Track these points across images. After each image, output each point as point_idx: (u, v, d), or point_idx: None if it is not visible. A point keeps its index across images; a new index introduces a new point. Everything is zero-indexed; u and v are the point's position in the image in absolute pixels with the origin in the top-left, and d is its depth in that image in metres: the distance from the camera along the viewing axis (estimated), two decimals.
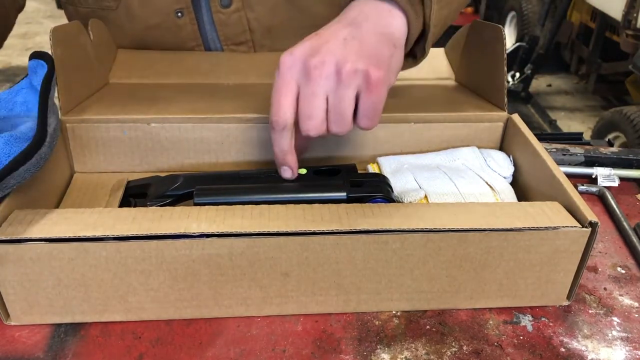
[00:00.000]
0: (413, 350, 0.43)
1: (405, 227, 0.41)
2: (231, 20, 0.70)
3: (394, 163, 0.56)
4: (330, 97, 0.44)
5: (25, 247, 0.39)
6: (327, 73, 0.43)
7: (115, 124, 0.55)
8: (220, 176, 0.52)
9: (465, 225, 0.42)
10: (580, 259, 0.44)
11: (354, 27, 0.45)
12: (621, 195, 0.63)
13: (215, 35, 0.72)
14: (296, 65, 0.44)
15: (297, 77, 0.44)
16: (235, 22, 0.70)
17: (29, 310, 0.43)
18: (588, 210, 0.43)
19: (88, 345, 0.42)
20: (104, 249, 0.40)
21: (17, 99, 0.51)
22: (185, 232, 0.40)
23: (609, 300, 0.48)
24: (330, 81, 0.43)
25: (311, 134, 0.45)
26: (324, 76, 0.43)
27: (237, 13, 0.70)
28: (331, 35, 0.45)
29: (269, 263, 0.42)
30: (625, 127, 1.83)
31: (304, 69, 0.43)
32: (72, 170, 0.57)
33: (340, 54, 0.43)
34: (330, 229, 0.41)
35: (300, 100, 0.44)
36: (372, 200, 0.48)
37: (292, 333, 0.44)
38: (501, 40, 0.56)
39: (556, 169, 0.48)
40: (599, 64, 2.65)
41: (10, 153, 0.42)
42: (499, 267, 0.44)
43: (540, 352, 0.43)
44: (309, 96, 0.44)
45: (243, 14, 0.70)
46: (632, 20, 2.20)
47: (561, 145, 0.69)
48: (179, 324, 0.44)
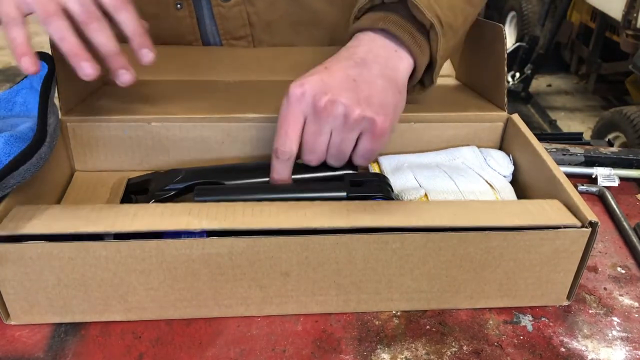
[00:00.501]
0: (413, 350, 0.43)
1: (405, 225, 0.41)
2: (231, 14, 0.70)
3: (394, 162, 0.56)
4: (334, 135, 0.46)
5: (26, 247, 0.39)
6: (335, 114, 0.45)
7: (116, 123, 0.55)
8: (220, 170, 0.52)
9: (465, 224, 0.42)
10: (580, 259, 0.44)
11: (364, 67, 0.47)
12: (621, 195, 0.63)
13: (214, 29, 0.72)
14: (306, 100, 0.45)
15: (305, 110, 0.46)
16: (235, 16, 0.70)
17: (29, 310, 0.43)
18: (588, 210, 0.43)
19: (88, 345, 0.42)
20: (104, 249, 0.40)
21: (17, 99, 0.51)
22: (187, 228, 0.40)
23: (609, 300, 0.48)
24: (337, 121, 0.45)
25: (311, 164, 0.48)
26: (331, 116, 0.45)
27: (238, 7, 0.70)
28: (341, 73, 0.46)
29: (269, 263, 0.42)
30: (625, 127, 1.83)
31: (313, 106, 0.45)
32: (72, 168, 0.57)
33: (350, 97, 0.45)
34: (330, 226, 0.41)
35: (306, 133, 0.46)
36: (372, 199, 0.48)
37: (292, 333, 0.44)
38: (502, 39, 0.56)
39: (556, 168, 0.48)
40: (599, 64, 2.65)
41: (10, 153, 0.42)
42: (499, 267, 0.44)
43: (540, 352, 0.43)
44: (315, 132, 0.46)
45: (243, 7, 0.70)
46: (632, 20, 2.20)
47: (561, 145, 0.69)
48: (179, 324, 0.44)
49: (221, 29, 0.71)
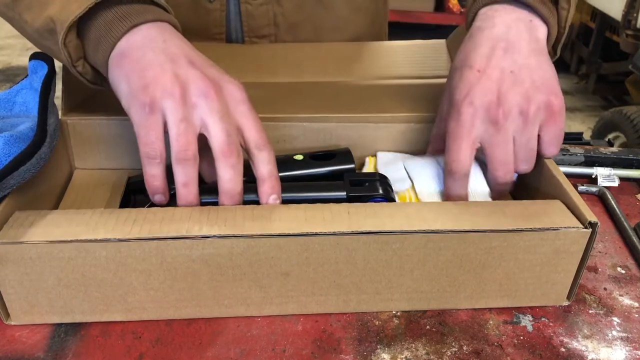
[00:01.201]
0: (413, 350, 0.43)
1: (406, 228, 0.41)
2: (258, 12, 0.70)
3: (390, 156, 0.56)
4: (518, 138, 0.45)
5: (26, 247, 0.39)
6: (512, 118, 0.44)
7: (117, 121, 0.55)
8: None
9: (466, 226, 0.42)
10: (581, 259, 0.44)
11: (513, 52, 0.46)
12: (621, 195, 0.63)
13: (239, 25, 0.72)
14: (479, 115, 0.45)
15: (479, 125, 0.45)
16: (261, 15, 0.71)
17: (29, 310, 0.43)
18: (588, 211, 0.43)
19: (88, 345, 0.42)
20: (104, 249, 0.40)
21: (17, 99, 0.51)
22: (187, 234, 0.40)
23: (609, 300, 0.48)
24: (516, 123, 0.45)
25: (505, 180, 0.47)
26: (509, 121, 0.44)
27: (265, 6, 0.70)
28: (497, 72, 0.45)
29: (269, 263, 0.42)
30: (625, 127, 1.83)
31: (488, 119, 0.45)
32: (72, 167, 0.57)
33: (518, 94, 0.44)
34: (332, 231, 0.41)
35: (491, 149, 0.46)
36: (372, 199, 0.48)
37: (292, 333, 0.44)
38: None
39: (556, 169, 0.48)
40: (599, 64, 2.65)
41: (10, 153, 0.42)
42: (499, 268, 0.44)
43: (540, 352, 0.43)
44: (501, 144, 0.45)
45: (270, 7, 0.70)
46: (632, 20, 2.20)
47: (561, 145, 0.69)
48: (179, 324, 0.44)
49: (245, 26, 0.71)
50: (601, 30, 2.58)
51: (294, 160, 0.51)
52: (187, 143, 0.41)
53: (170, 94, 0.41)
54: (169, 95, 0.41)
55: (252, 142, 0.44)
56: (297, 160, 0.52)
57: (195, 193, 0.43)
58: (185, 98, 0.41)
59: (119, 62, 0.43)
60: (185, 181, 0.42)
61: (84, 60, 0.45)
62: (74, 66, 0.45)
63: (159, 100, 0.41)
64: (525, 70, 0.45)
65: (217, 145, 0.42)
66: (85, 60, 0.46)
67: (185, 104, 0.41)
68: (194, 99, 0.41)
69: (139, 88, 0.41)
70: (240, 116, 0.43)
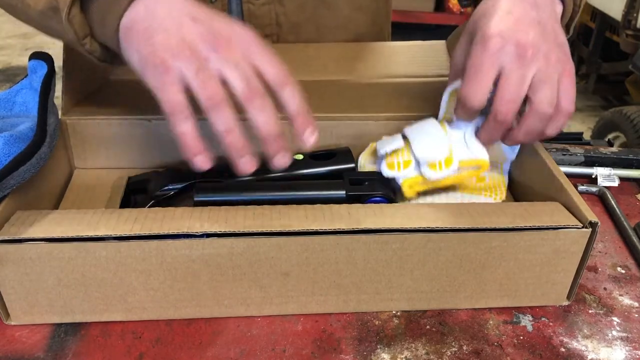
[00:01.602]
0: (413, 350, 0.43)
1: (406, 227, 0.41)
2: (260, 12, 0.70)
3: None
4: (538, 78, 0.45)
5: (26, 247, 0.39)
6: (537, 58, 0.44)
7: (116, 121, 0.55)
8: (220, 168, 0.52)
9: (466, 226, 0.42)
10: (580, 259, 0.44)
11: (539, 9, 0.46)
12: (621, 195, 0.63)
13: None
14: (508, 47, 0.44)
15: (505, 60, 0.44)
16: (263, 15, 0.70)
17: (29, 310, 0.43)
18: (588, 211, 0.43)
19: (88, 345, 0.42)
20: (104, 249, 0.40)
21: (16, 99, 0.51)
22: (188, 231, 0.40)
23: (608, 300, 0.48)
24: (540, 64, 0.44)
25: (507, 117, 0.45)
26: (534, 61, 0.44)
27: (267, 6, 0.70)
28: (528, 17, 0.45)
29: (269, 263, 0.42)
30: (625, 127, 1.82)
31: (517, 53, 0.44)
32: (72, 166, 0.57)
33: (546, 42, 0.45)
34: (332, 230, 0.41)
35: (507, 81, 0.44)
36: (372, 199, 0.48)
37: (292, 333, 0.44)
38: None
39: (556, 169, 0.48)
40: (599, 64, 2.65)
41: (10, 153, 0.42)
42: (499, 267, 0.44)
43: (540, 352, 0.43)
44: (519, 79, 0.44)
45: (272, 7, 0.70)
46: (632, 20, 2.20)
47: (561, 145, 0.69)
48: (179, 324, 0.44)
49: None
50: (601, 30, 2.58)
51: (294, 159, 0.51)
52: (213, 88, 0.40)
53: (180, 55, 0.40)
54: (180, 56, 0.40)
55: (273, 82, 0.42)
56: (297, 160, 0.52)
57: (242, 137, 0.41)
58: (196, 55, 0.40)
59: (126, 36, 0.42)
60: (226, 127, 0.40)
61: (91, 38, 0.45)
62: (82, 44, 0.45)
63: (170, 61, 0.40)
64: (549, 27, 0.46)
65: (239, 93, 0.40)
66: (92, 37, 0.45)
67: (198, 60, 0.40)
68: (204, 53, 0.41)
69: (149, 54, 0.41)
70: (254, 58, 0.42)
